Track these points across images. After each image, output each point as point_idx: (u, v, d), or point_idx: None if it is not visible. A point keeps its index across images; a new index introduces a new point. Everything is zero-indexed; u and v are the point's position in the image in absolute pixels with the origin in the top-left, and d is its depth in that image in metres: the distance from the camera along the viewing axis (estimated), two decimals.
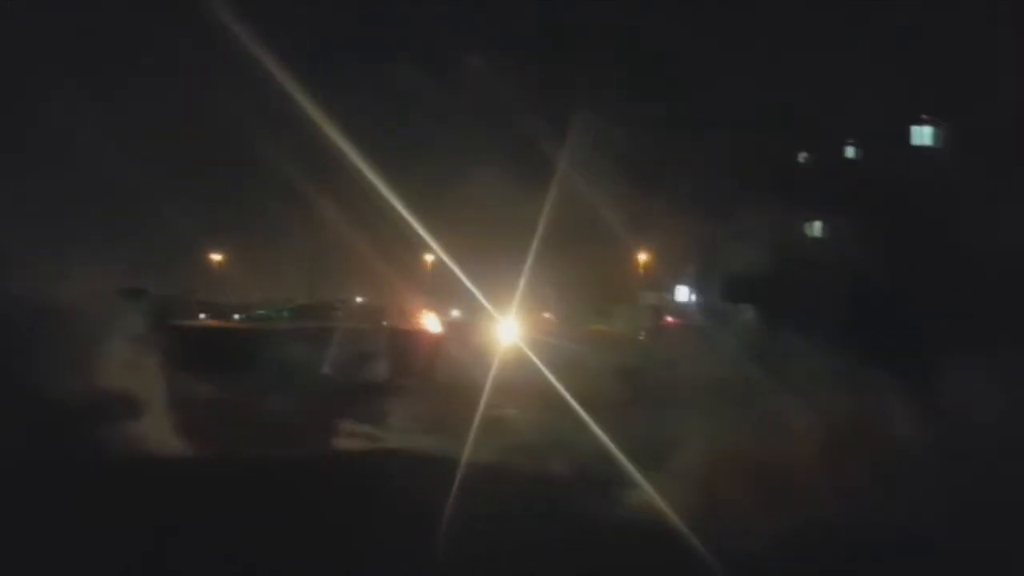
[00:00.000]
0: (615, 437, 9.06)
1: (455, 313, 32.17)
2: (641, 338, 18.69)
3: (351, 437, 11.25)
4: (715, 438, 8.43)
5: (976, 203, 15.76)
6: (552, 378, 12.06)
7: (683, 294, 30.74)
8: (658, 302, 31.20)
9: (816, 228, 22.07)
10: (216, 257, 30.56)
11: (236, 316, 31.01)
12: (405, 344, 17.76)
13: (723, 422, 8.81)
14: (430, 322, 19.94)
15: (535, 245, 19.78)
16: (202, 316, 30.05)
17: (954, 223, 15.61)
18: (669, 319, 29.96)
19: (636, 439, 8.91)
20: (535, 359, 14.18)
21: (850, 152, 21.40)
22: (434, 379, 15.69)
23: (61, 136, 25.06)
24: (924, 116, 19.60)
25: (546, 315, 29.80)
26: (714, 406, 9.21)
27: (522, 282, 19.53)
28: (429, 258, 31.41)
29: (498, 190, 21.40)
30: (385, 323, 22.15)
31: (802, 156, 22.51)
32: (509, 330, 18.68)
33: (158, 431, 11.02)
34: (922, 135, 19.68)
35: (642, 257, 30.17)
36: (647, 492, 7.75)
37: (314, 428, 11.43)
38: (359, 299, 35.40)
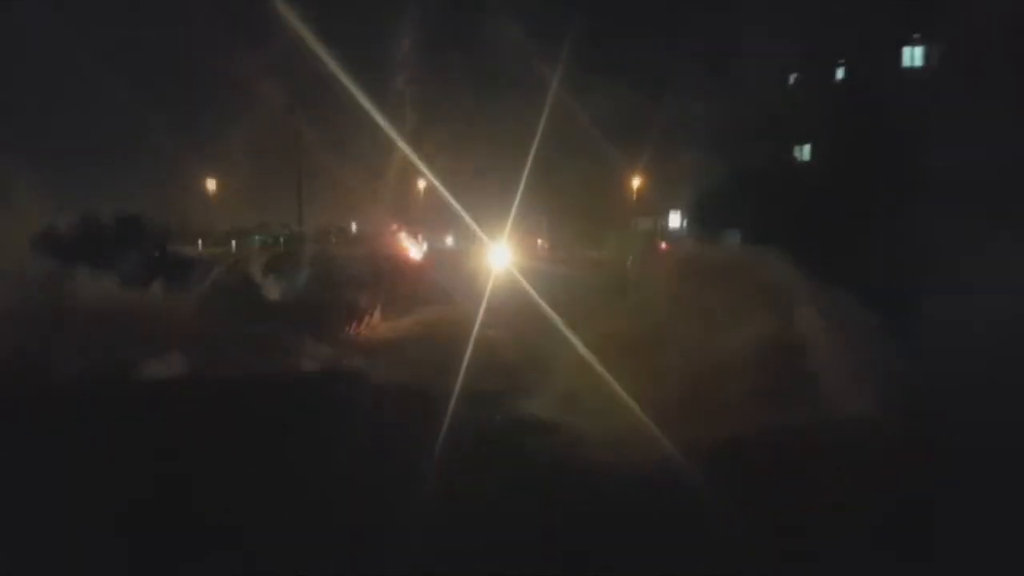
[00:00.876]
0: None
1: (448, 240, 32.41)
2: (629, 264, 18.90)
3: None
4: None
5: (963, 124, 15.79)
6: (536, 298, 12.61)
7: (676, 220, 30.83)
8: (652, 228, 31.33)
9: (806, 151, 22.00)
10: (211, 184, 30.60)
11: (232, 243, 31.28)
12: (386, 270, 18.26)
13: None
14: (412, 249, 20.35)
15: (528, 170, 19.90)
16: (199, 243, 30.37)
17: (939, 144, 15.68)
18: (663, 245, 30.17)
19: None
20: (523, 282, 14.66)
21: (840, 73, 21.15)
22: (417, 303, 16.11)
23: (56, 65, 24.86)
24: (915, 36, 19.29)
25: (539, 241, 30.03)
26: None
27: (515, 208, 19.73)
28: (422, 184, 31.38)
29: (492, 113, 21.39)
30: (368, 250, 22.52)
31: (792, 77, 22.26)
32: (501, 256, 18.97)
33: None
34: (913, 56, 19.41)
35: (636, 183, 30.09)
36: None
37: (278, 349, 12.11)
38: (353, 226, 35.62)
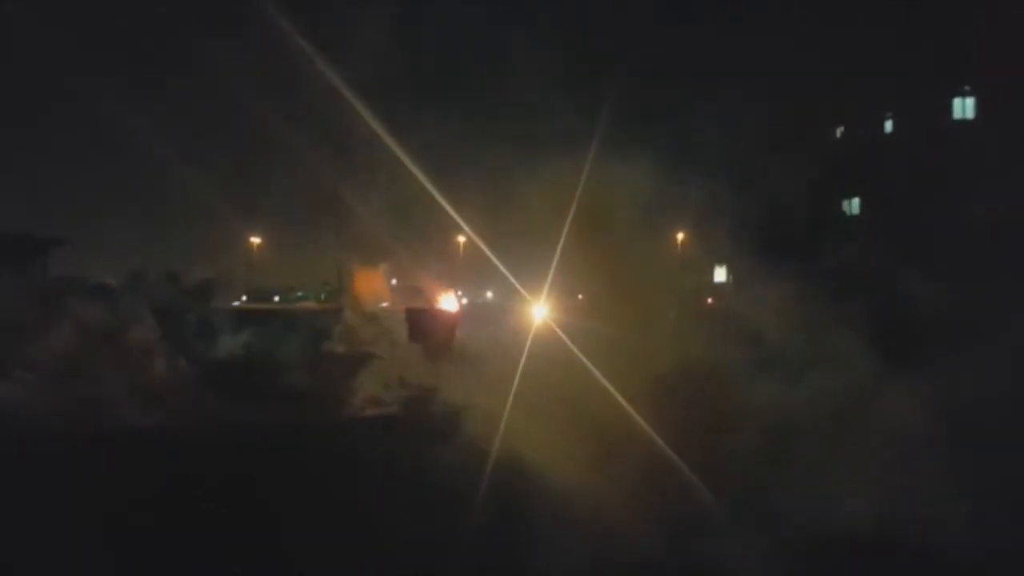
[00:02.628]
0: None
1: (488, 295, 32.28)
2: (671, 319, 18.55)
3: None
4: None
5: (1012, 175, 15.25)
6: (574, 350, 12.65)
7: (721, 275, 30.27)
8: (697, 284, 30.83)
9: (855, 205, 21.45)
10: (255, 240, 31.13)
11: (275, 298, 31.59)
12: (424, 322, 18.35)
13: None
14: (448, 302, 20.40)
15: (567, 227, 19.75)
16: (243, 298, 30.70)
17: (989, 196, 15.12)
18: (709, 301, 29.61)
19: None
20: (561, 335, 14.72)
21: (888, 126, 20.70)
22: (451, 354, 16.34)
23: (106, 127, 25.71)
24: (966, 88, 18.80)
25: (579, 297, 29.73)
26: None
27: (554, 264, 19.55)
28: (461, 240, 31.48)
29: (532, 173, 21.29)
30: (408, 304, 22.63)
31: (839, 131, 21.89)
32: (540, 311, 18.85)
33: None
34: (964, 108, 18.88)
35: (679, 237, 29.75)
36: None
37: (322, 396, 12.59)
38: (393, 282, 35.76)
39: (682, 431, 8.62)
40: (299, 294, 31.20)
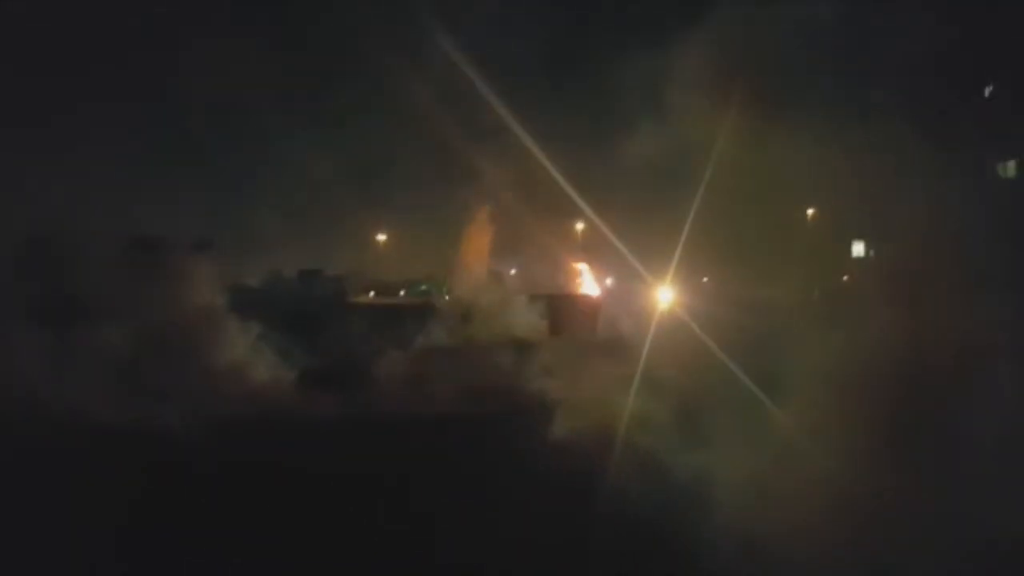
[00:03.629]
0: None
1: (608, 281, 31.88)
2: (815, 299, 17.56)
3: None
4: None
5: None
6: (707, 343, 12.00)
7: (859, 250, 28.68)
8: (826, 261, 29.29)
9: (1010, 168, 19.80)
10: (381, 237, 31.99)
11: (401, 292, 32.42)
12: (565, 309, 18.07)
13: None
14: (589, 286, 19.96)
15: (694, 208, 19.11)
16: (371, 293, 31.70)
17: None
18: (845, 278, 28.11)
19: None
20: (692, 325, 14.03)
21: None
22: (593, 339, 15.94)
23: (242, 130, 26.93)
24: None
25: (704, 280, 28.85)
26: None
27: (679, 247, 18.96)
28: (580, 226, 31.20)
29: (655, 151, 20.78)
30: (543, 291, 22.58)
31: (987, 90, 20.23)
32: (664, 296, 18.27)
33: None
34: None
35: (811, 212, 28.36)
36: None
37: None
38: (512, 271, 35.95)
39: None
40: (423, 287, 31.92)
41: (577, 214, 25.61)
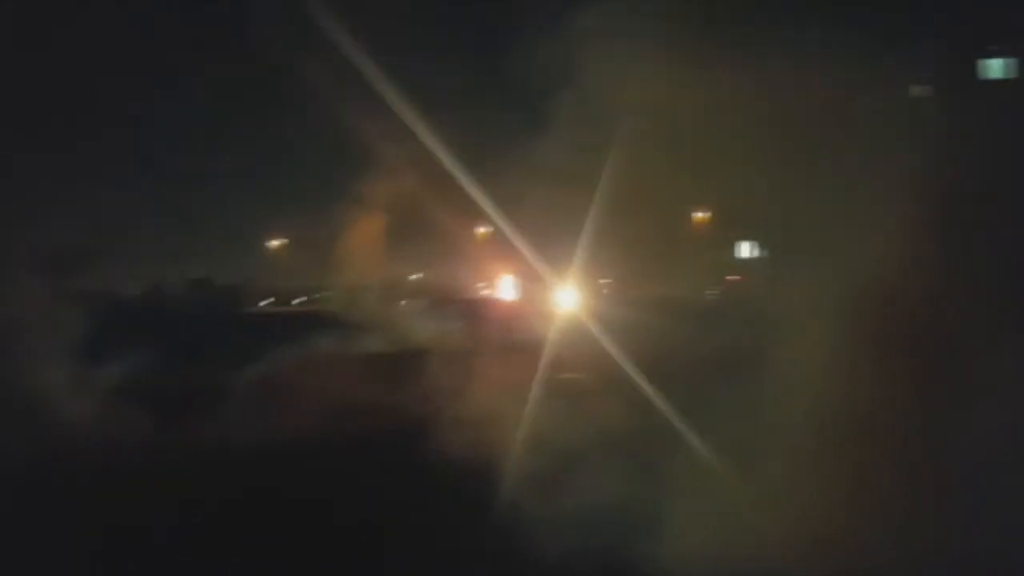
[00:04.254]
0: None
1: (511, 283, 32.03)
2: (710, 297, 18.14)
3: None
4: None
5: None
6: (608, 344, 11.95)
7: (746, 249, 29.91)
8: (718, 259, 30.43)
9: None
10: (275, 243, 31.00)
11: (295, 301, 31.54)
12: (478, 315, 17.70)
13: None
14: (505, 289, 19.63)
15: (593, 207, 19.38)
16: (265, 302, 30.70)
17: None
18: (729, 277, 29.25)
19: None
20: (593, 326, 14.01)
21: (918, 91, 20.30)
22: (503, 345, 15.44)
23: (119, 131, 25.46)
24: (992, 48, 18.42)
25: (603, 281, 29.40)
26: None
27: (579, 249, 19.16)
28: (481, 230, 31.21)
29: (555, 152, 20.96)
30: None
31: (866, 99, 21.48)
32: (567, 298, 18.40)
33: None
34: (991, 69, 18.55)
35: (700, 213, 29.35)
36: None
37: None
38: (414, 276, 35.60)
39: None
40: (321, 294, 31.14)
41: (481, 216, 25.57)
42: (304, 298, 30.81)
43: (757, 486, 6.65)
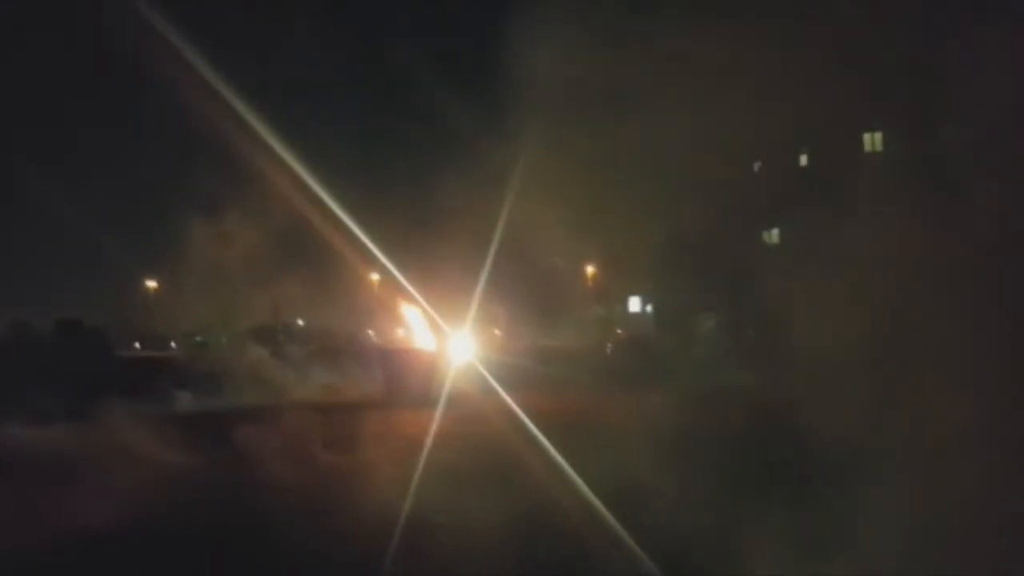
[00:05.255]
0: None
1: (400, 332, 31.62)
2: (608, 351, 18.45)
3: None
4: None
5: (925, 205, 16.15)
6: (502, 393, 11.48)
7: (635, 305, 30.85)
8: (606, 314, 31.22)
9: (775, 235, 22.33)
10: (151, 284, 29.15)
11: (172, 344, 29.71)
12: (399, 366, 16.63)
13: None
14: (424, 339, 18.81)
15: (487, 261, 19.43)
16: (136, 345, 28.70)
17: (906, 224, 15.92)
18: (619, 331, 30.03)
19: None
20: (488, 376, 13.53)
21: (803, 160, 21.78)
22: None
23: None
24: (875, 122, 20.01)
25: (496, 332, 29.46)
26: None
27: (472, 300, 19.12)
28: (374, 277, 30.65)
29: (445, 203, 20.95)
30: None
31: (756, 165, 22.78)
32: (461, 348, 18.16)
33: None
34: (874, 142, 20.13)
35: (590, 269, 30.12)
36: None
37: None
38: (300, 322, 34.40)
39: None
40: (198, 339, 29.49)
41: (372, 264, 25.08)
42: (174, 344, 29.05)
43: None
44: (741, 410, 9.62)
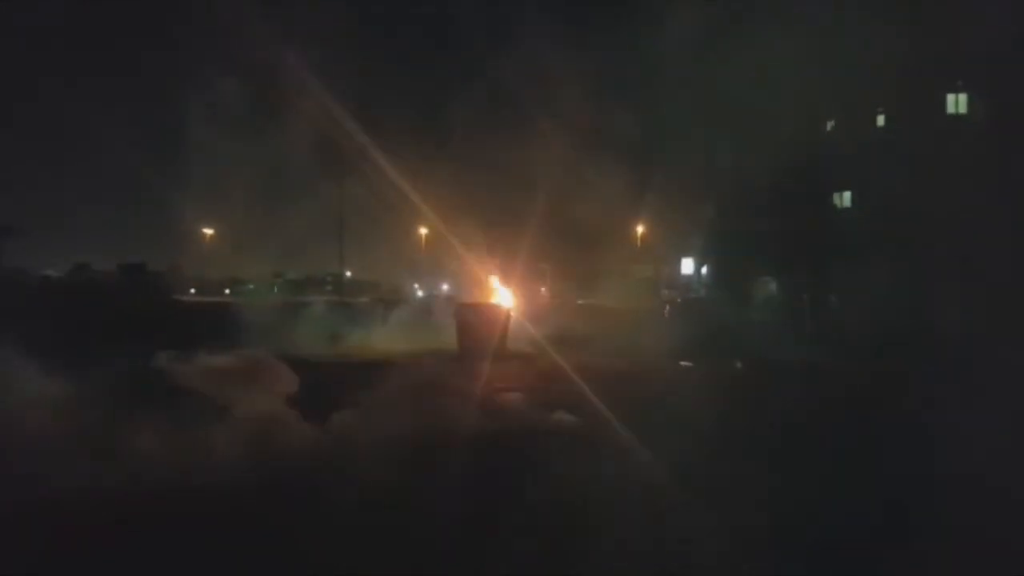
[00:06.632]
0: None
1: (444, 288, 31.64)
2: (666, 315, 18.14)
3: None
4: None
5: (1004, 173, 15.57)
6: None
7: (688, 267, 30.31)
8: (652, 274, 30.74)
9: (846, 198, 21.56)
10: (208, 231, 29.35)
11: (226, 291, 30.01)
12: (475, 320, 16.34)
13: None
14: (502, 295, 18.52)
15: (533, 219, 19.29)
16: (192, 291, 29.04)
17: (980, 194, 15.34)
18: (665, 291, 29.59)
19: None
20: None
21: (881, 120, 20.83)
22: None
23: (54, 114, 23.67)
24: (959, 83, 19.12)
25: (542, 290, 29.21)
26: None
27: (519, 257, 18.96)
28: (423, 231, 30.52)
29: (495, 161, 20.66)
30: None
31: (829, 125, 21.92)
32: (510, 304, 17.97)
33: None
34: (957, 104, 19.24)
35: (640, 230, 29.64)
36: None
37: None
38: (348, 273, 34.50)
39: None
40: (250, 286, 29.75)
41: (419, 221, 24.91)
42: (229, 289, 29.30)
43: None
44: (839, 393, 9.05)
